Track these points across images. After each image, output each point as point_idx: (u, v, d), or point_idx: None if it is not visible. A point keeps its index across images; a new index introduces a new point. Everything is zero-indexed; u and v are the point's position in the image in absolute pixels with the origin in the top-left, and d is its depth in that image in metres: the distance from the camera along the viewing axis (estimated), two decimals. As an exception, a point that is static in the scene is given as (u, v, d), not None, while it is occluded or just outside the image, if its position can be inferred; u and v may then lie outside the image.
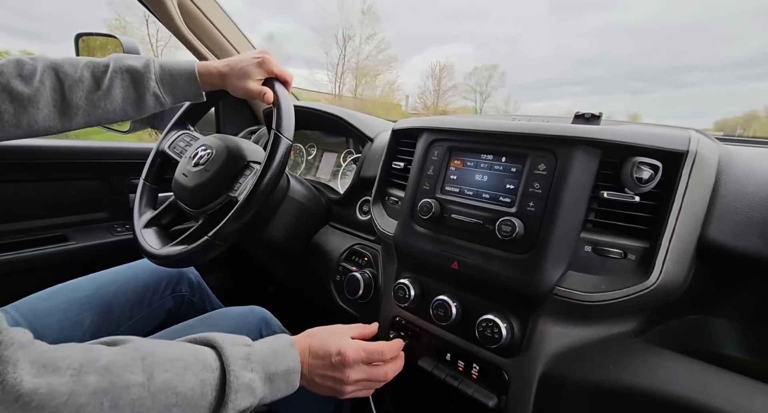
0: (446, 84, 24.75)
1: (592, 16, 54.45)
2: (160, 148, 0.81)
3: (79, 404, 0.30)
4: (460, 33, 57.68)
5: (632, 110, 46.43)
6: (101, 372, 0.33)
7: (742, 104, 41.28)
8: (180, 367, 0.37)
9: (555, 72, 54.68)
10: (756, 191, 0.42)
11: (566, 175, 0.47)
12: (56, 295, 0.67)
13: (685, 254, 0.44)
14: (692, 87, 50.96)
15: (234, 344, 0.43)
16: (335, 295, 0.79)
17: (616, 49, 53.88)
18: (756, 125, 22.42)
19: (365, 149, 0.84)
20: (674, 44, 51.65)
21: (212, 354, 0.40)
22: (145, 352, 0.36)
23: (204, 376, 0.38)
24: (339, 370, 0.48)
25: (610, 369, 0.44)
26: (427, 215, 0.56)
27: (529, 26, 55.68)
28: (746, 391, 0.37)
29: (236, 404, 0.39)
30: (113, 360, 0.34)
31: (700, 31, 52.91)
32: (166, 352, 0.38)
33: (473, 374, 0.53)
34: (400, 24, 55.84)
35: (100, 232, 1.03)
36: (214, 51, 1.00)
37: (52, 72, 0.55)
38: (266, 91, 0.65)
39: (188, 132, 0.83)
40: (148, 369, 0.35)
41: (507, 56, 52.09)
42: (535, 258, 0.47)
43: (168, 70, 0.62)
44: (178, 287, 0.80)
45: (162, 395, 0.35)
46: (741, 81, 49.62)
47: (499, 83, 28.01)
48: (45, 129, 0.56)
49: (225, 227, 0.60)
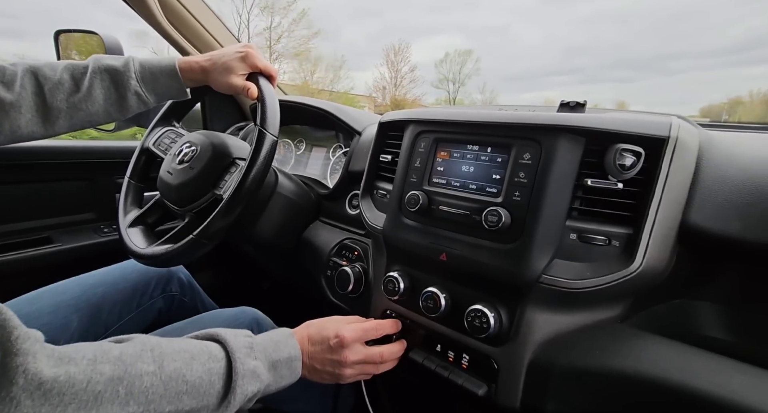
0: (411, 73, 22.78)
1: (582, 4, 54.34)
2: (145, 145, 0.80)
3: (97, 391, 0.31)
4: (449, 23, 57.29)
5: (621, 98, 46.68)
6: (115, 361, 0.34)
7: (727, 90, 41.77)
8: (187, 357, 0.38)
9: (544, 62, 54.72)
10: (736, 175, 0.43)
11: (551, 163, 0.47)
12: (42, 297, 0.67)
13: (667, 239, 0.44)
14: (680, 74, 51.36)
15: (236, 335, 0.44)
16: (326, 290, 0.79)
17: (605, 37, 53.99)
18: (741, 110, 22.73)
19: (353, 142, 0.83)
20: (663, 31, 51.86)
21: (216, 346, 0.42)
22: (153, 344, 0.38)
23: (211, 365, 0.39)
24: (337, 352, 0.50)
25: (597, 354, 0.44)
26: (415, 207, 0.56)
27: (518, 15, 55.47)
28: (727, 371, 0.38)
29: (244, 389, 0.40)
30: (124, 350, 0.35)
31: (688, 18, 53.16)
32: (172, 345, 0.39)
33: (463, 364, 0.53)
34: (388, 17, 55.33)
35: (87, 233, 1.02)
36: (197, 45, 0.99)
37: (32, 76, 0.55)
38: (250, 86, 0.64)
39: (173, 129, 0.82)
40: (158, 359, 0.36)
41: (497, 46, 51.95)
42: (522, 247, 0.48)
43: (148, 68, 0.62)
44: (168, 287, 0.80)
45: (173, 383, 0.36)
46: (727, 67, 50.11)
47: (474, 71, 26.28)
48: (29, 134, 0.56)
49: (210, 226, 0.59)
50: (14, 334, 0.29)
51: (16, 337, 0.29)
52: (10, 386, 0.27)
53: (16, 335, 0.29)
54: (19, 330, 0.29)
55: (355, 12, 52.51)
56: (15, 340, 0.28)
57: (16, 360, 0.28)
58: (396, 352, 0.57)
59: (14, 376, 0.28)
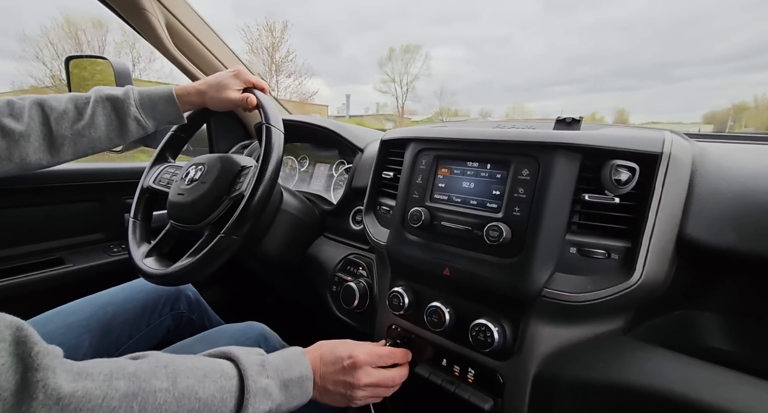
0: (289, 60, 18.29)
1: (585, 13, 55.04)
2: (145, 185, 0.81)
3: (112, 407, 0.32)
4: (451, 35, 58.16)
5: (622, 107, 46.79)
6: (130, 377, 0.35)
7: (732, 96, 41.85)
8: (200, 375, 0.39)
9: (546, 72, 55.22)
10: (728, 188, 0.44)
11: (549, 179, 0.49)
12: (54, 319, 0.68)
13: (665, 252, 0.45)
14: (683, 82, 51.56)
15: (249, 353, 0.45)
16: (332, 305, 0.80)
17: (608, 46, 54.50)
18: (747, 116, 22.59)
19: (356, 159, 0.85)
20: (666, 39, 52.21)
21: (229, 364, 0.42)
22: (166, 361, 0.39)
23: (223, 383, 0.40)
24: (350, 374, 0.50)
25: (601, 366, 0.45)
26: (418, 223, 0.58)
27: (520, 26, 56.25)
28: (730, 383, 0.38)
29: (255, 407, 0.40)
30: (140, 367, 0.36)
31: (691, 25, 53.49)
32: (186, 362, 0.40)
33: (469, 378, 0.54)
34: (388, 29, 56.23)
35: (97, 253, 1.04)
36: (204, 69, 1.02)
37: (39, 107, 0.59)
38: (248, 95, 0.70)
39: (171, 164, 0.84)
40: (171, 376, 0.37)
41: (499, 57, 52.51)
42: (523, 261, 0.49)
43: (147, 95, 0.67)
44: (177, 305, 0.81)
45: (185, 400, 0.37)
46: (732, 73, 50.26)
47: (424, 71, 22.02)
48: (36, 162, 0.60)
49: (235, 223, 0.60)
50: (35, 349, 0.30)
51: (36, 352, 0.30)
52: (31, 401, 0.28)
53: (36, 350, 0.30)
54: (39, 345, 0.30)
55: (356, 25, 53.41)
56: (36, 355, 0.29)
57: (36, 375, 0.29)
58: (404, 376, 0.57)
59: (35, 391, 0.29)
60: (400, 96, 22.79)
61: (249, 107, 0.70)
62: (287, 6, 53.20)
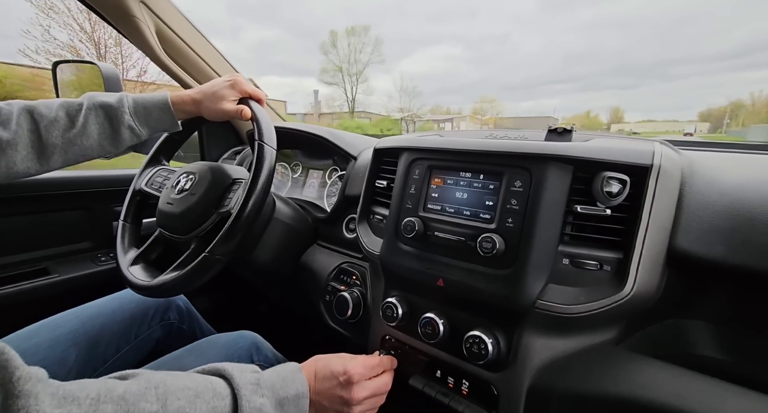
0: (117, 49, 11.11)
1: (583, 11, 55.72)
2: (137, 187, 0.80)
3: None
4: (449, 33, 58.44)
5: (620, 105, 47.26)
6: (118, 401, 0.33)
7: (729, 93, 42.58)
8: (191, 395, 0.38)
9: (544, 70, 55.81)
10: (717, 201, 0.45)
11: (541, 191, 0.49)
12: (40, 332, 0.66)
13: (656, 264, 0.46)
14: (681, 80, 52.45)
15: (243, 371, 0.43)
16: (325, 315, 0.80)
17: (606, 44, 55.25)
18: (744, 114, 22.86)
19: (349, 167, 0.85)
20: (664, 37, 53.02)
21: (222, 383, 0.41)
22: (157, 382, 0.37)
23: (215, 404, 0.39)
24: (346, 390, 0.49)
25: (594, 378, 0.45)
26: (411, 233, 0.58)
27: (518, 24, 56.75)
28: (720, 394, 0.39)
29: None
30: (128, 389, 0.35)
31: (690, 23, 54.40)
32: (177, 382, 0.39)
33: (463, 390, 0.54)
34: (385, 26, 56.26)
35: (84, 263, 1.02)
36: (196, 77, 1.01)
37: (28, 114, 0.57)
38: (243, 108, 0.68)
39: (164, 167, 0.83)
40: (162, 398, 0.36)
41: (496, 55, 52.89)
42: (517, 273, 0.49)
43: (141, 102, 0.64)
44: (167, 315, 0.79)
45: None
46: (729, 71, 51.22)
47: (377, 57, 18.57)
48: (24, 170, 0.57)
49: (221, 241, 0.59)
50: (16, 375, 0.28)
51: (17, 378, 0.28)
52: None
53: (18, 375, 0.28)
54: (21, 370, 0.29)
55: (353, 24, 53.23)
56: (17, 381, 0.28)
57: (18, 403, 0.28)
58: (391, 378, 0.57)
59: None
60: (349, 89, 19.44)
61: (243, 119, 0.68)
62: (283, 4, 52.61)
